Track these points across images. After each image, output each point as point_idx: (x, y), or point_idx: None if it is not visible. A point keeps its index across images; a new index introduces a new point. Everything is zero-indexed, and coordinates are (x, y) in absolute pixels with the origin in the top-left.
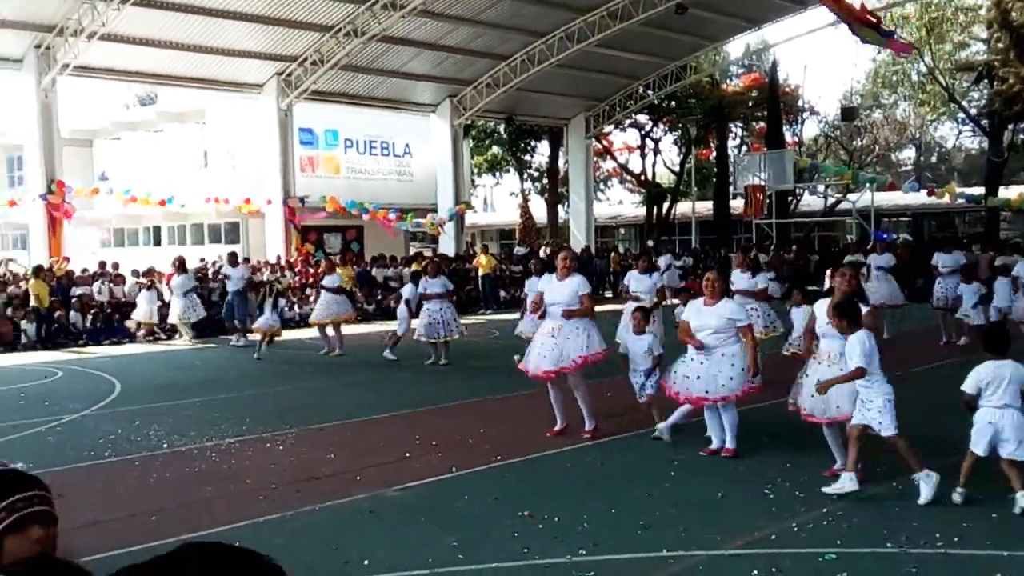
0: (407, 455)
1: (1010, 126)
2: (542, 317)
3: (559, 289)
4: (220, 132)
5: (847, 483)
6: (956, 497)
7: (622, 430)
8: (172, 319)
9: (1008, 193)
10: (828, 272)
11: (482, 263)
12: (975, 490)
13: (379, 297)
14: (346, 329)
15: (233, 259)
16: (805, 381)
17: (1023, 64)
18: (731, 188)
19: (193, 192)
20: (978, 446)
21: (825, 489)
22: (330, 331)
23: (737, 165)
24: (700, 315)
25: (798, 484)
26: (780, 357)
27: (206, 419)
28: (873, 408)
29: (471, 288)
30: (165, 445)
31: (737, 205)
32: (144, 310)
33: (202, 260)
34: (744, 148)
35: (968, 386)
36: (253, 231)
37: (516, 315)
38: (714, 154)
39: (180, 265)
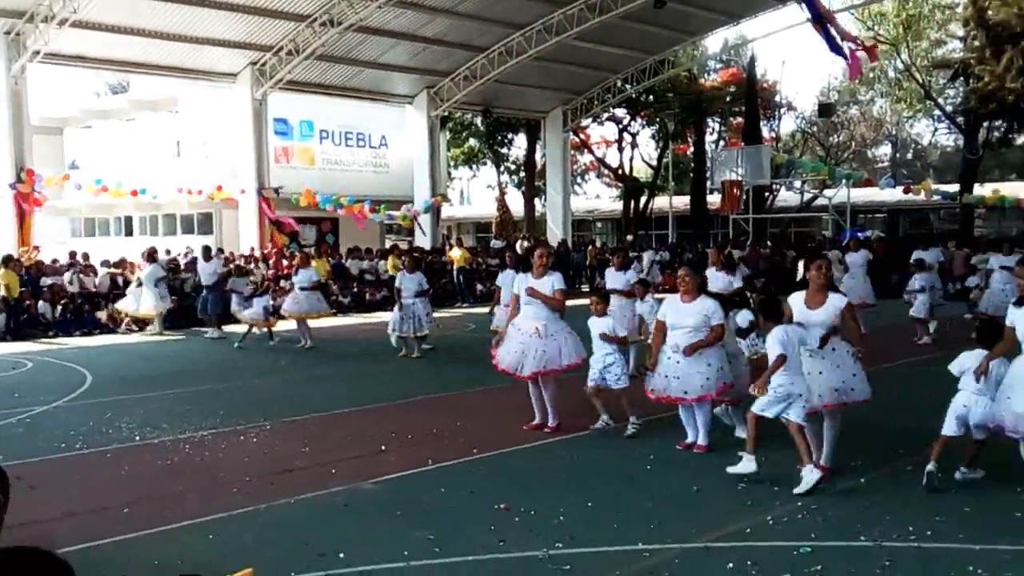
0: (382, 448)
1: (985, 124)
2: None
3: (536, 287)
4: (193, 122)
5: (808, 475)
6: (930, 468)
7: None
8: (145, 310)
9: (983, 190)
10: (802, 263)
11: (455, 257)
12: (947, 483)
13: (354, 290)
14: (322, 322)
15: (207, 254)
16: None
17: (998, 62)
18: (708, 183)
19: (165, 182)
20: (949, 428)
21: (796, 490)
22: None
23: (714, 160)
24: (677, 313)
25: (773, 478)
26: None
27: (178, 411)
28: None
29: (446, 281)
30: (137, 437)
31: (714, 200)
32: (129, 301)
33: (168, 252)
34: (721, 143)
35: (952, 367)
36: (227, 222)
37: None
38: (691, 149)
39: (150, 255)
